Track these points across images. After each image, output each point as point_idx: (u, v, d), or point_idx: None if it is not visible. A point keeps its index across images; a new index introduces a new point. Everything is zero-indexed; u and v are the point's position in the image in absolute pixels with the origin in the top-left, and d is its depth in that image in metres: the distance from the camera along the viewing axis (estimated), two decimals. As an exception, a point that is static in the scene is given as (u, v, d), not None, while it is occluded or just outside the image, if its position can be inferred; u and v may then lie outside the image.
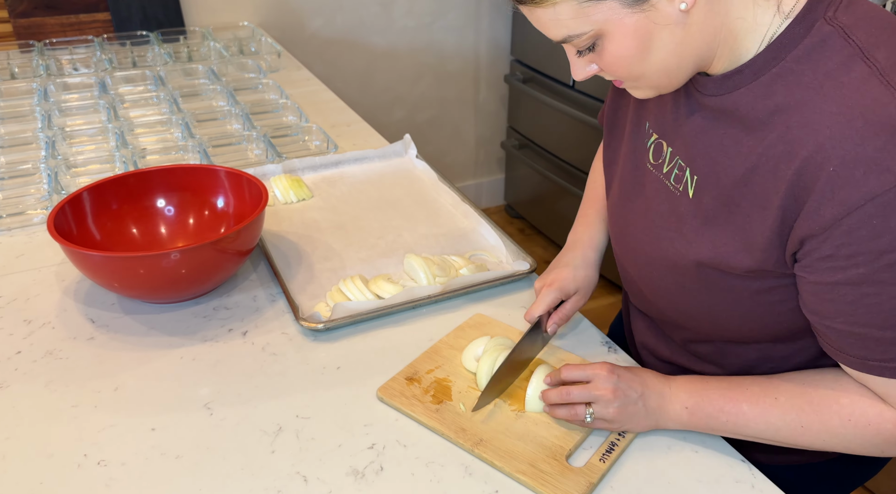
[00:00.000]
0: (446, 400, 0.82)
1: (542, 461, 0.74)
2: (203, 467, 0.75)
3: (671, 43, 0.65)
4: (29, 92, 1.70)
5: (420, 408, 0.81)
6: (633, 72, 0.68)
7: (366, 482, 0.73)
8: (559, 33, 0.66)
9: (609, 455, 0.75)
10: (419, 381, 0.85)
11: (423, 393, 0.83)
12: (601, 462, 0.74)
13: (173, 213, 1.12)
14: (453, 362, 0.88)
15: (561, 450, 0.76)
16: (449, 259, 1.07)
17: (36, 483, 0.73)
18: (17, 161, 1.37)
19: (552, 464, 0.74)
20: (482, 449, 0.76)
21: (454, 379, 0.86)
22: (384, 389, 0.84)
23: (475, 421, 0.79)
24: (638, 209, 0.83)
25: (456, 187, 1.28)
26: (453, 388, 0.84)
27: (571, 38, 0.65)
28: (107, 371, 0.88)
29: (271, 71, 1.93)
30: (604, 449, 0.76)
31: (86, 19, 2.07)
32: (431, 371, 0.87)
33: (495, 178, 3.09)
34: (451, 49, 2.72)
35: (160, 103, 1.65)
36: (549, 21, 0.65)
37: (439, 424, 0.79)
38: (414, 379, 0.85)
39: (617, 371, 0.77)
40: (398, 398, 0.83)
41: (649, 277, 0.84)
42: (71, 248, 0.90)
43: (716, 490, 0.73)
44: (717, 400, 0.75)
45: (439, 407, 0.81)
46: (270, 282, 1.05)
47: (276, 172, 1.33)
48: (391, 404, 0.82)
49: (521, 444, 0.77)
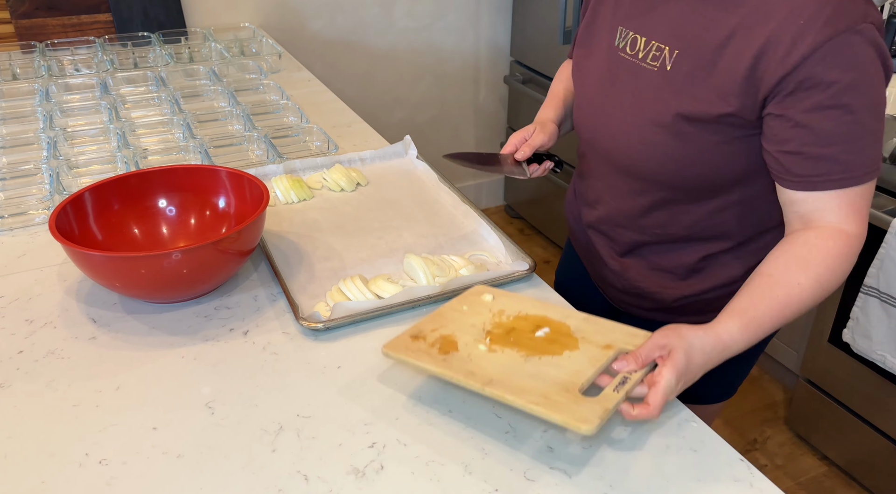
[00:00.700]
0: (453, 350, 0.82)
1: (555, 393, 0.74)
2: (204, 466, 0.76)
3: None
4: (31, 92, 1.70)
5: (427, 358, 0.81)
6: None
7: (366, 481, 0.74)
8: None
9: (622, 386, 0.76)
10: (424, 338, 0.85)
11: (429, 347, 0.83)
12: (615, 392, 0.75)
13: (175, 213, 1.12)
14: (457, 322, 0.88)
15: (573, 386, 0.76)
16: (449, 259, 1.08)
17: (37, 482, 0.74)
18: (18, 161, 1.37)
19: (565, 396, 0.74)
20: (493, 387, 0.75)
21: (459, 335, 0.85)
22: (390, 345, 0.83)
23: (483, 365, 0.79)
24: (617, 91, 0.99)
25: (456, 187, 1.29)
26: (459, 342, 0.84)
27: None
28: (108, 370, 0.89)
29: (272, 72, 1.94)
30: (617, 381, 0.76)
31: (87, 20, 2.08)
32: (436, 329, 0.87)
33: (495, 179, 3.10)
34: (450, 50, 2.72)
35: (161, 104, 1.66)
36: None
37: (447, 369, 0.79)
38: (419, 336, 0.85)
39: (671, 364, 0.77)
40: (404, 351, 0.82)
41: (626, 143, 0.99)
42: (72, 248, 0.90)
43: (715, 490, 0.73)
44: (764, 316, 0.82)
45: (446, 356, 0.81)
46: (271, 282, 1.05)
47: (276, 173, 1.33)
48: (397, 357, 0.82)
49: (532, 382, 0.76)
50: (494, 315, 0.89)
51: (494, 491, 0.73)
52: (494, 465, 0.76)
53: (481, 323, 0.88)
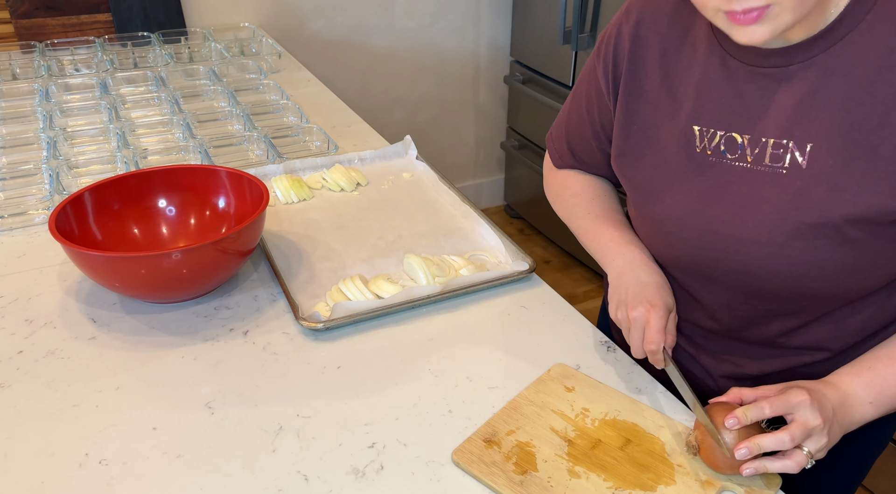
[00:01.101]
0: (531, 469, 0.72)
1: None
2: (204, 466, 0.76)
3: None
4: (30, 92, 1.70)
5: (503, 480, 0.71)
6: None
7: (366, 481, 0.74)
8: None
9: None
10: (499, 445, 0.75)
11: (504, 460, 0.73)
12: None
13: (174, 213, 1.12)
14: (535, 422, 0.78)
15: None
16: (448, 259, 1.08)
17: (37, 483, 0.74)
18: (18, 161, 1.37)
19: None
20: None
21: (538, 443, 0.75)
22: (460, 452, 0.75)
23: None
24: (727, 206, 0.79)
25: (456, 187, 1.29)
26: (538, 456, 0.74)
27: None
28: (108, 370, 0.89)
29: (272, 72, 1.94)
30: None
31: (87, 20, 2.08)
32: (512, 432, 0.77)
33: (495, 179, 3.10)
34: (450, 50, 2.72)
35: (161, 104, 1.65)
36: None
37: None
38: (493, 441, 0.76)
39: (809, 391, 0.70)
40: (477, 464, 0.73)
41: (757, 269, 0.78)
42: (72, 248, 0.90)
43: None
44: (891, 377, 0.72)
45: (523, 478, 0.71)
46: (271, 282, 1.05)
47: (276, 172, 1.33)
48: (469, 471, 0.73)
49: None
50: (577, 415, 0.79)
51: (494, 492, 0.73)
52: (494, 465, 0.76)
53: (562, 428, 0.77)
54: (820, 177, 0.72)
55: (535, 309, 1.00)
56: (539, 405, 0.80)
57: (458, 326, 0.96)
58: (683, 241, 0.83)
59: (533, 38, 2.56)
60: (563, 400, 0.81)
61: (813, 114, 0.72)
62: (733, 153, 0.78)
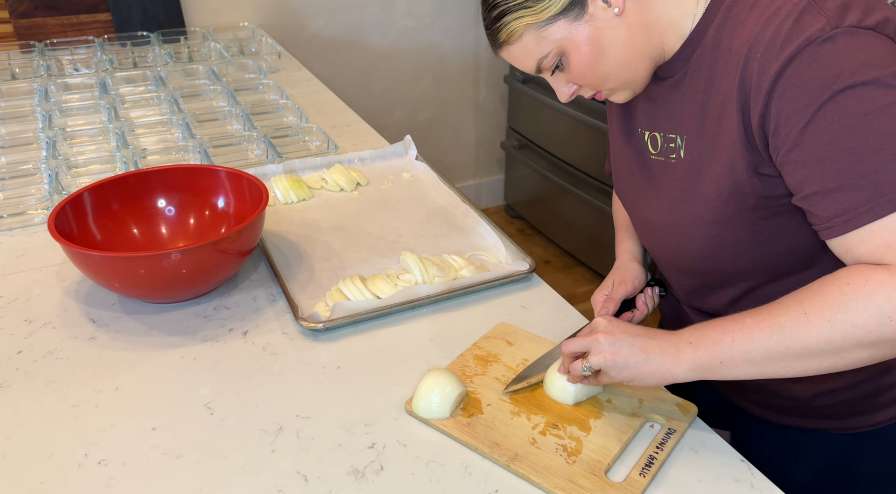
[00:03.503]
0: (477, 412, 0.81)
1: (581, 476, 0.73)
2: (203, 466, 0.75)
3: (621, 40, 0.76)
4: (30, 92, 1.70)
5: (451, 422, 0.79)
6: (598, 74, 0.79)
7: (366, 481, 0.74)
8: (531, 62, 0.79)
9: (648, 469, 0.74)
10: None
11: None
12: (641, 476, 0.73)
13: (174, 213, 1.12)
14: (480, 374, 0.87)
15: (599, 467, 0.74)
16: (448, 259, 1.08)
17: (37, 483, 0.73)
18: (17, 161, 1.37)
19: (591, 480, 0.72)
20: (518, 465, 0.74)
21: (483, 391, 0.84)
22: (410, 404, 0.82)
23: (508, 435, 0.78)
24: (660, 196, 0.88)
25: (456, 187, 1.28)
26: (483, 401, 0.82)
27: (542, 61, 0.78)
28: (107, 370, 0.88)
29: (272, 71, 1.94)
30: (643, 463, 0.75)
31: (86, 20, 2.07)
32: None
33: (495, 178, 3.10)
34: (450, 49, 2.72)
35: (161, 103, 1.65)
36: (521, 54, 0.78)
37: (472, 438, 0.77)
38: None
39: (611, 319, 0.79)
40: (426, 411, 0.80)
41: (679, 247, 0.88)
42: (72, 248, 0.90)
43: (715, 490, 0.73)
44: (719, 323, 0.73)
45: (470, 420, 0.80)
46: (270, 282, 1.05)
47: (276, 172, 1.33)
48: (420, 418, 0.80)
49: (557, 458, 0.75)
50: (518, 365, 0.88)
51: (494, 491, 0.73)
52: (494, 465, 0.75)
53: (504, 377, 0.86)
54: (692, 163, 0.82)
55: (535, 309, 1.00)
56: (483, 359, 0.89)
57: (458, 326, 0.96)
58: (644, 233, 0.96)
59: (533, 38, 2.55)
60: (506, 353, 0.90)
61: (684, 111, 0.82)
62: (655, 149, 0.88)
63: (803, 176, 0.69)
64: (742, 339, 0.70)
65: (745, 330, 0.70)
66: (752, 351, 0.70)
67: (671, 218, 0.87)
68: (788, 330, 0.68)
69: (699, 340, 0.73)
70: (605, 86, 0.81)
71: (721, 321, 0.73)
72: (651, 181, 0.90)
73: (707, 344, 0.72)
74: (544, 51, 0.77)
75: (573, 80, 0.81)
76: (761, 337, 0.69)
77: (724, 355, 0.71)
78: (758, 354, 0.70)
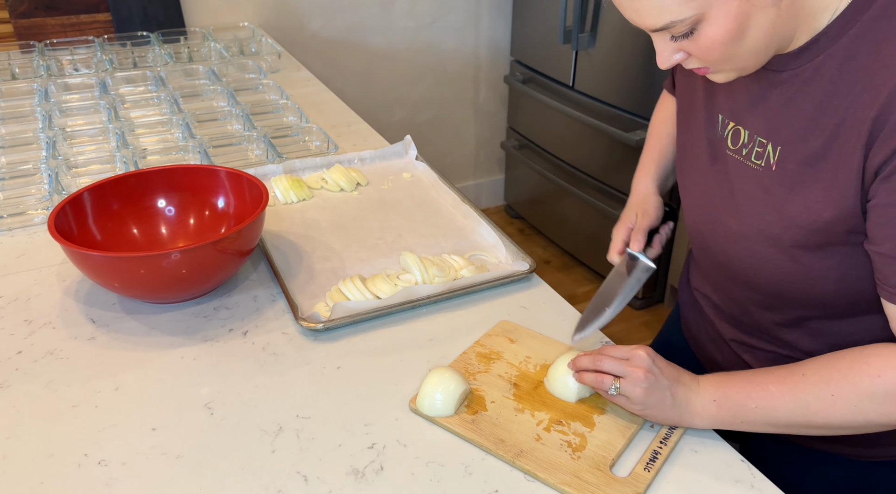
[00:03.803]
0: (481, 410, 0.81)
1: (586, 471, 0.73)
2: (203, 466, 0.75)
3: (766, 24, 0.67)
4: (30, 92, 1.70)
5: (455, 420, 0.80)
6: (725, 54, 0.69)
7: (366, 481, 0.74)
8: (660, 20, 0.66)
9: (653, 463, 0.74)
10: None
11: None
12: (646, 471, 0.73)
13: (174, 213, 1.12)
14: (483, 371, 0.87)
15: (604, 462, 0.74)
16: (449, 259, 1.07)
17: (36, 483, 0.73)
18: (17, 161, 1.37)
19: (597, 475, 0.73)
20: (523, 461, 0.74)
21: (487, 388, 0.84)
22: (415, 401, 0.82)
23: (513, 431, 0.78)
24: (724, 194, 0.83)
25: (456, 187, 1.28)
26: (487, 398, 0.83)
27: (674, 23, 0.66)
28: (107, 370, 0.88)
29: (272, 71, 1.93)
30: (647, 458, 0.75)
31: (86, 20, 2.07)
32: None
33: (495, 179, 3.10)
34: (450, 50, 2.72)
35: (161, 104, 1.65)
36: (653, 8, 0.66)
37: (477, 435, 0.77)
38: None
39: (654, 355, 0.77)
40: (429, 408, 0.81)
41: (739, 257, 0.83)
42: (71, 248, 0.90)
43: (715, 490, 0.73)
44: (743, 387, 0.74)
45: (475, 417, 0.80)
46: (270, 282, 1.05)
47: (276, 172, 1.33)
48: (425, 416, 0.81)
49: (562, 454, 0.75)
50: (521, 362, 0.88)
51: (494, 492, 0.73)
52: (494, 465, 0.75)
53: (507, 374, 0.86)
54: (784, 178, 0.75)
55: (535, 310, 1.00)
56: (486, 357, 0.89)
57: (458, 326, 0.96)
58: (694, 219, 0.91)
59: (533, 38, 2.56)
60: (508, 350, 0.90)
61: (787, 117, 0.75)
62: (735, 144, 0.81)
63: (889, 235, 0.67)
64: (766, 408, 0.73)
65: (770, 399, 0.72)
66: (775, 419, 0.73)
67: (750, 231, 0.80)
68: (814, 407, 0.71)
69: (723, 400, 0.75)
70: (723, 67, 0.72)
71: (744, 381, 0.75)
72: (723, 178, 0.83)
73: (731, 405, 0.75)
74: (684, 14, 0.65)
75: (695, 53, 0.70)
76: (785, 409, 0.72)
77: (746, 418, 0.74)
78: (780, 422, 0.73)
